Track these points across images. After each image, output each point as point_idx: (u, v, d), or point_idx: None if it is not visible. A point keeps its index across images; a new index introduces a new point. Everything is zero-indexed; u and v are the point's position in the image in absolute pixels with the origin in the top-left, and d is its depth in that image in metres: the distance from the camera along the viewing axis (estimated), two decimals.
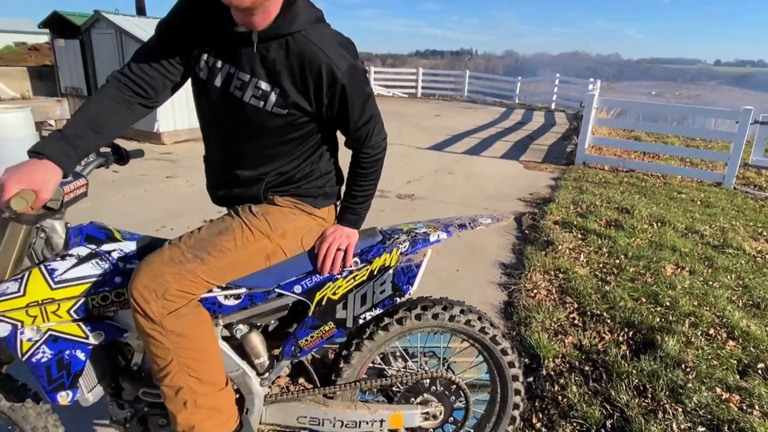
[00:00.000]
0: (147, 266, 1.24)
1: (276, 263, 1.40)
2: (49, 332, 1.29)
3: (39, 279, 1.27)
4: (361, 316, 1.46)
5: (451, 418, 1.61)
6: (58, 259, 1.30)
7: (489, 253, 3.90)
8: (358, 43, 1.33)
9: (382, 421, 1.53)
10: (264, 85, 1.25)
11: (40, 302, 1.26)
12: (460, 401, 1.60)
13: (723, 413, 2.09)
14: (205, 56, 1.30)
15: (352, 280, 1.43)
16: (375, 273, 1.44)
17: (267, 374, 1.48)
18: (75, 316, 1.30)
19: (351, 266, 1.44)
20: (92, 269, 1.31)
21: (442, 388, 1.58)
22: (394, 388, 1.59)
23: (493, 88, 18.00)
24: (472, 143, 9.17)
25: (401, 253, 1.46)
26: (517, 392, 1.62)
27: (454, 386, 1.57)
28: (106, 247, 1.35)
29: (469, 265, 3.65)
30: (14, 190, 1.10)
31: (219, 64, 1.28)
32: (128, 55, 8.06)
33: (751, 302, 3.19)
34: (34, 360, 1.28)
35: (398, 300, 1.47)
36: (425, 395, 1.57)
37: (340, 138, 1.46)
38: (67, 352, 1.31)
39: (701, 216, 5.05)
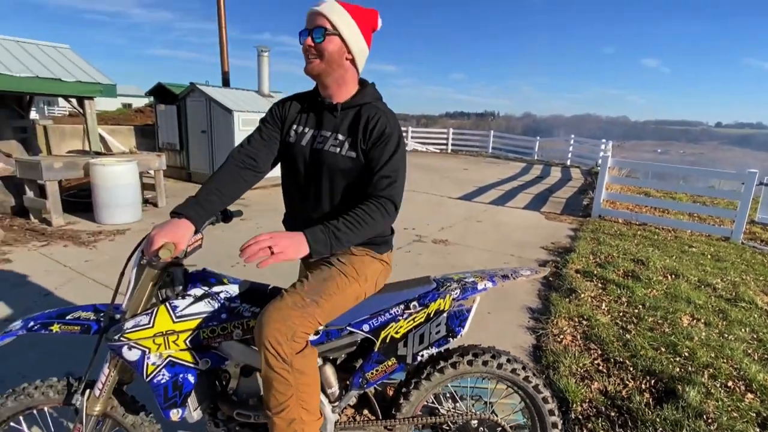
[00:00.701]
0: (277, 312, 1.27)
1: None
2: (169, 358, 1.37)
3: (165, 314, 1.37)
4: (419, 354, 1.47)
5: None
6: (179, 298, 1.40)
7: (517, 297, 3.82)
8: (397, 105, 1.58)
9: None
10: (341, 137, 1.42)
11: (164, 333, 1.36)
12: None
13: None
14: (294, 127, 1.48)
15: (412, 321, 1.46)
16: (431, 315, 1.46)
17: (337, 402, 1.50)
18: (189, 346, 1.38)
19: (411, 310, 1.47)
20: (205, 307, 1.40)
21: (487, 430, 1.55)
22: (444, 427, 1.57)
23: (513, 146, 17.99)
24: (497, 194, 9.13)
25: (453, 299, 1.48)
26: None
27: (500, 428, 1.54)
28: (215, 289, 1.44)
29: (500, 309, 3.57)
30: (161, 242, 1.23)
31: (306, 130, 1.47)
32: (214, 118, 8.59)
33: (766, 356, 2.97)
34: (155, 381, 1.36)
35: (451, 340, 1.47)
36: None
37: None
38: (181, 375, 1.38)
39: (713, 269, 4.79)
